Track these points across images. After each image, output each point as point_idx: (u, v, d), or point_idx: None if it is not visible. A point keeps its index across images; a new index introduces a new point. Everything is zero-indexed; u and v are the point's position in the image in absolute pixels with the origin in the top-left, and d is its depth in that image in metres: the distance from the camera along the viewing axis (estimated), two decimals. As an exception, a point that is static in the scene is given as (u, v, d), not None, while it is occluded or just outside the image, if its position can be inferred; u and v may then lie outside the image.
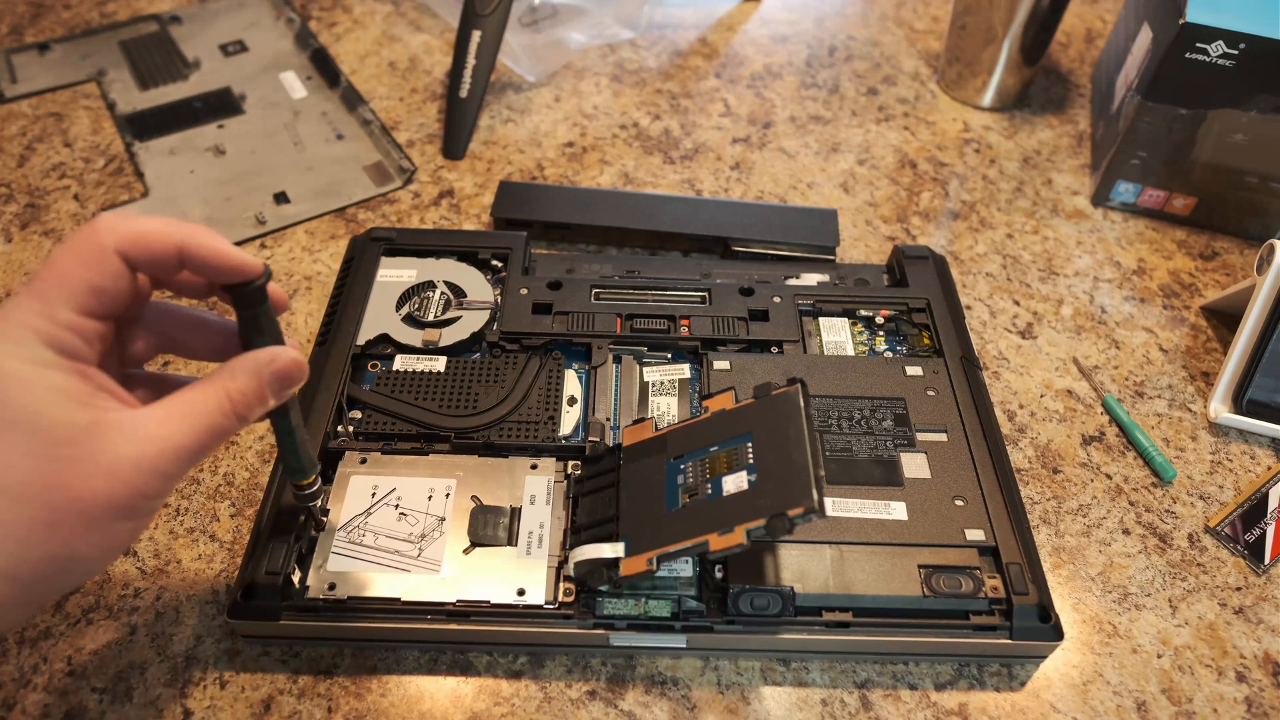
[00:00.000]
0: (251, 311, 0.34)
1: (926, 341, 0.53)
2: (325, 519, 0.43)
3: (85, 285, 0.30)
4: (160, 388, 0.35)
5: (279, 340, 0.35)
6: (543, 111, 0.73)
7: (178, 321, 0.35)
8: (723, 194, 0.67)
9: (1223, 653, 0.44)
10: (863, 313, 0.55)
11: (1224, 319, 0.60)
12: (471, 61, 0.68)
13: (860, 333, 0.54)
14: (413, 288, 0.54)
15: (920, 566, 0.42)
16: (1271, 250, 0.52)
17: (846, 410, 0.49)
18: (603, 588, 0.41)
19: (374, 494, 0.45)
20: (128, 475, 0.29)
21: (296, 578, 0.41)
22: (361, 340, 0.51)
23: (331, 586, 0.41)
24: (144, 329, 0.34)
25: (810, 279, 0.57)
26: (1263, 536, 0.48)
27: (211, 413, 0.32)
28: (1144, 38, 0.63)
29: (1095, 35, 0.83)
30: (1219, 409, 0.53)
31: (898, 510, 0.44)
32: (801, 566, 0.42)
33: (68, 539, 0.29)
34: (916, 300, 0.55)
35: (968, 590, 0.42)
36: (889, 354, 0.53)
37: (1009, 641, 0.41)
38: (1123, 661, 0.44)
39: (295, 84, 0.73)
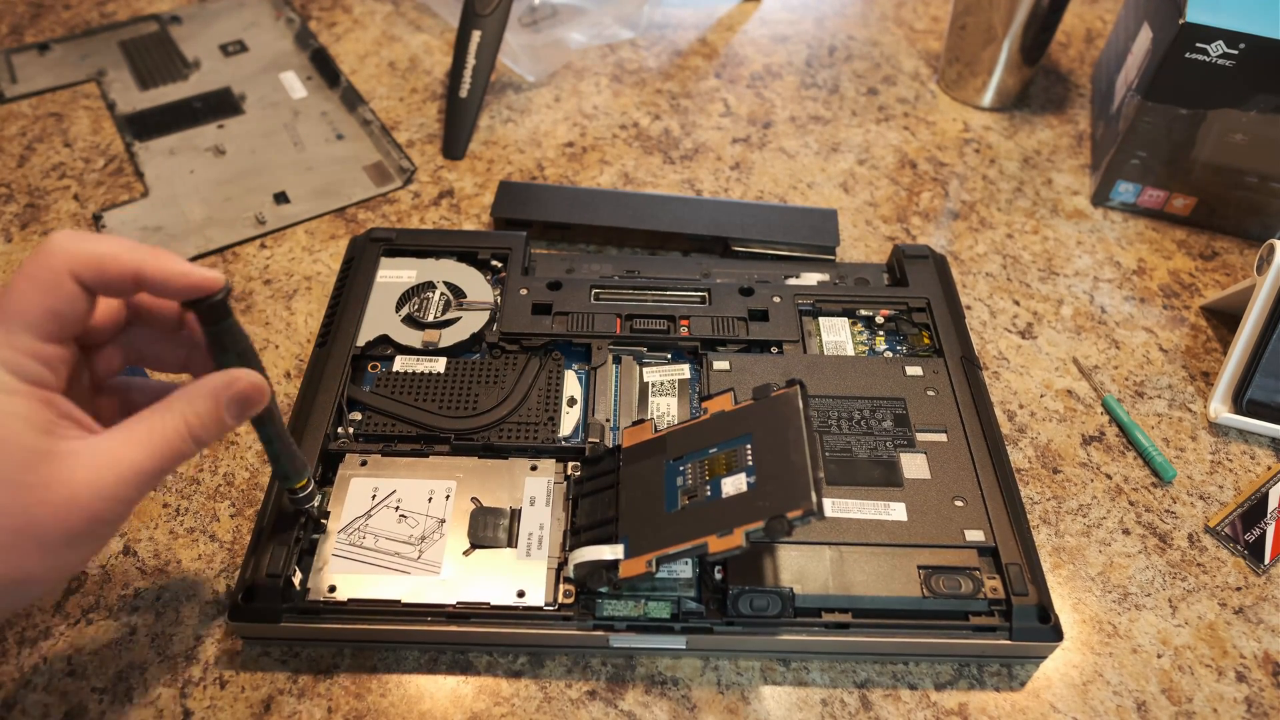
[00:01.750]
0: (215, 327, 0.34)
1: (926, 341, 0.53)
2: (325, 521, 0.43)
3: (42, 311, 0.30)
4: (127, 396, 0.36)
5: (248, 355, 0.35)
6: (543, 111, 0.73)
7: (144, 335, 0.36)
8: (723, 194, 0.67)
9: (1223, 653, 0.44)
10: (863, 312, 0.55)
11: (1224, 319, 0.60)
12: (471, 61, 0.68)
13: (860, 332, 0.54)
14: (412, 288, 0.54)
15: (920, 567, 0.42)
16: (1271, 250, 0.52)
17: (846, 410, 0.49)
18: (602, 589, 0.41)
19: (374, 496, 0.45)
20: (86, 502, 0.30)
21: (297, 579, 0.41)
22: (361, 341, 0.51)
23: (332, 589, 0.41)
24: (112, 344, 0.35)
25: (810, 279, 0.57)
26: (1263, 536, 0.48)
27: (169, 437, 0.32)
28: (1144, 38, 0.63)
29: (1095, 35, 0.83)
30: (1219, 409, 0.53)
31: (897, 511, 0.44)
32: (801, 567, 0.42)
33: (22, 562, 0.29)
34: (916, 300, 0.55)
35: (967, 591, 0.42)
36: (889, 354, 0.53)
37: (1008, 642, 0.41)
38: (1123, 661, 0.44)
39: (295, 84, 0.73)
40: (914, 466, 0.46)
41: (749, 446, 0.41)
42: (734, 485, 0.39)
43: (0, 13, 0.79)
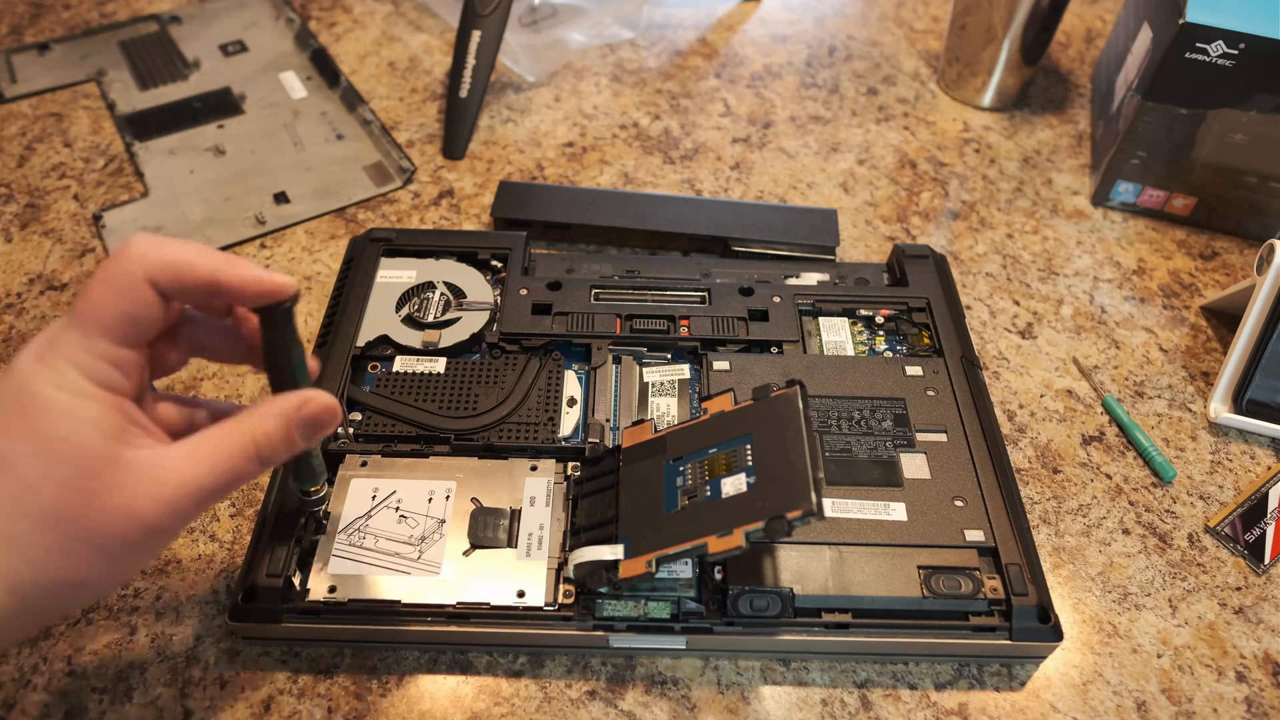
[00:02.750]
0: (278, 332, 0.34)
1: (926, 341, 0.53)
2: (325, 521, 0.43)
3: (120, 316, 0.30)
4: (193, 414, 0.36)
5: (302, 358, 0.34)
6: (543, 111, 0.73)
7: (206, 328, 0.35)
8: (723, 194, 0.67)
9: (1223, 653, 0.44)
10: (863, 312, 0.55)
11: (1224, 319, 0.60)
12: (471, 61, 0.68)
13: (860, 332, 0.54)
14: (412, 288, 0.54)
15: (920, 567, 0.42)
16: (1271, 250, 0.52)
17: (846, 410, 0.49)
18: (602, 589, 0.41)
19: (374, 496, 0.45)
20: (146, 511, 0.30)
21: (297, 580, 0.42)
22: (361, 341, 0.51)
23: (332, 589, 0.41)
24: (178, 339, 0.35)
25: (810, 278, 0.57)
26: (1263, 536, 0.48)
27: (235, 456, 0.32)
28: (1144, 38, 0.63)
29: (1095, 35, 0.83)
30: (1219, 409, 0.53)
31: (897, 511, 0.44)
32: (801, 567, 0.42)
33: (79, 566, 0.30)
34: (916, 300, 0.55)
35: (967, 591, 0.42)
36: (889, 354, 0.53)
37: (1008, 642, 0.41)
38: (1123, 661, 0.44)
39: (295, 84, 0.73)
40: (914, 466, 0.46)
41: (749, 447, 0.41)
42: (734, 486, 0.39)
43: (0, 13, 0.79)
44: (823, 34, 0.82)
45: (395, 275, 0.55)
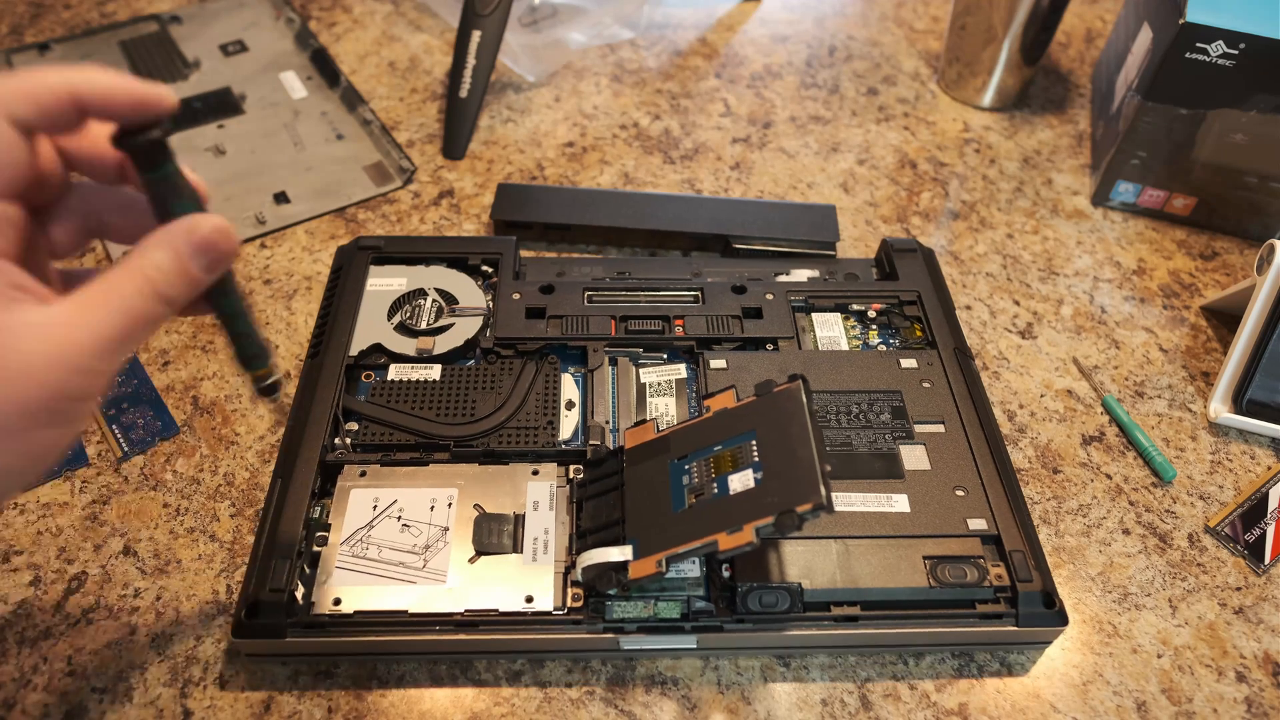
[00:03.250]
0: (156, 174, 0.30)
1: (919, 334, 0.53)
2: (325, 534, 0.43)
3: None
4: (85, 275, 0.32)
5: (195, 204, 0.30)
6: (543, 111, 0.73)
7: (104, 202, 0.32)
8: (723, 194, 0.67)
9: (1223, 653, 0.44)
10: (855, 307, 0.55)
11: (1224, 319, 0.60)
12: (471, 61, 0.68)
13: (853, 327, 0.54)
14: (404, 296, 0.54)
15: (925, 558, 0.42)
16: (1271, 250, 0.52)
17: (844, 405, 0.49)
18: (611, 591, 0.41)
19: (375, 506, 0.44)
20: (43, 375, 0.26)
21: (300, 594, 0.41)
22: (354, 351, 0.51)
23: (337, 601, 0.41)
24: (68, 213, 0.31)
25: (800, 275, 0.57)
26: (1263, 536, 0.48)
27: (129, 297, 0.28)
28: (1144, 38, 0.63)
29: (1095, 35, 0.83)
30: (1219, 409, 0.53)
31: (900, 503, 0.44)
32: (808, 562, 0.42)
33: None
34: (907, 293, 0.55)
35: (973, 579, 0.42)
36: (883, 347, 0.53)
37: (1015, 629, 0.42)
38: (1123, 661, 0.44)
39: (295, 84, 0.73)
40: (914, 458, 0.46)
41: (754, 443, 0.41)
42: (741, 482, 0.39)
43: (0, 13, 0.79)
44: (823, 34, 0.82)
45: (385, 283, 0.54)
